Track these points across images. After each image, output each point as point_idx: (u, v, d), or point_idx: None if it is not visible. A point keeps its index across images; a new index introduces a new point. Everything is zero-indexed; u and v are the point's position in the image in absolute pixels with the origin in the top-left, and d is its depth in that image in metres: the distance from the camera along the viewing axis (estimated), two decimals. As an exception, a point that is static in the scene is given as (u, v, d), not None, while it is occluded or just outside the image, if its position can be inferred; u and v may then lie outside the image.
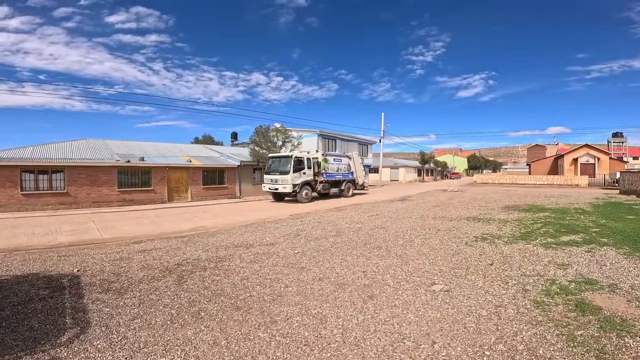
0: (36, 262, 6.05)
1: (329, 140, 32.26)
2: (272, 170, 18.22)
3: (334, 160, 20.73)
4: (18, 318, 3.63)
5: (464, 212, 12.43)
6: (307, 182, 18.09)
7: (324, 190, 19.52)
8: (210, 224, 10.75)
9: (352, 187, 21.84)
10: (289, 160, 17.55)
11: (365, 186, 24.05)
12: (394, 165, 54.08)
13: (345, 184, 21.04)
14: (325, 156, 19.78)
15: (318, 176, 19.06)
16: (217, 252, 6.67)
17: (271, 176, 18.09)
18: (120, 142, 21.80)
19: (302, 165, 17.90)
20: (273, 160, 18.70)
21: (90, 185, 16.48)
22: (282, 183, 17.46)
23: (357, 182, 22.47)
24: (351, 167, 21.96)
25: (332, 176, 20.15)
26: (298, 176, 17.55)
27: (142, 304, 4.09)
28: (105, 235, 8.99)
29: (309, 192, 18.11)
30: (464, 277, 5.03)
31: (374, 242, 7.44)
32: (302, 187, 17.58)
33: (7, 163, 14.53)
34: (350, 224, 10.04)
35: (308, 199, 17.93)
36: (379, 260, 5.99)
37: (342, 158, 21.73)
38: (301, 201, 17.41)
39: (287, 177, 17.26)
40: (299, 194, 17.45)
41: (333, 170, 20.30)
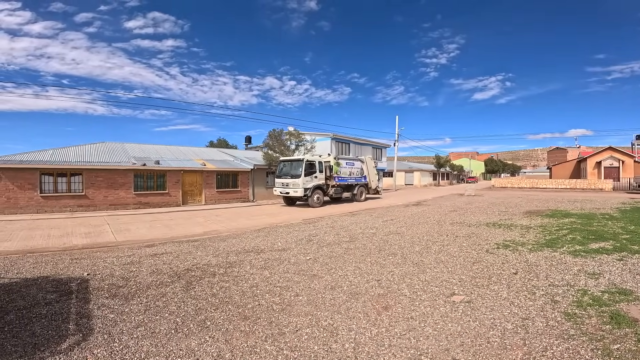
0: (48, 264, 6.05)
1: (342, 144, 32.03)
2: (284, 174, 17.97)
3: (347, 164, 20.29)
4: (21, 323, 3.56)
5: (483, 218, 11.98)
6: (319, 186, 17.73)
7: (336, 195, 19.14)
8: (222, 228, 10.68)
9: (365, 191, 21.37)
10: (301, 164, 17.28)
11: (379, 191, 23.55)
12: (409, 169, 53.35)
13: (357, 188, 20.59)
14: (337, 160, 19.37)
15: (330, 180, 18.71)
16: (228, 257, 6.54)
17: (282, 180, 17.84)
18: (137, 146, 22.16)
19: (314, 169, 17.62)
20: (284, 163, 18.44)
21: (108, 188, 16.75)
22: (293, 187, 17.18)
23: (370, 187, 22.00)
24: (364, 171, 21.55)
25: (344, 180, 19.73)
26: (309, 180, 17.23)
27: (147, 310, 3.96)
28: (119, 239, 9.01)
29: (320, 197, 17.69)
30: (486, 287, 4.73)
31: (389, 249, 7.17)
32: (313, 191, 17.19)
33: (26, 166, 14.91)
34: (364, 229, 9.78)
35: (319, 204, 17.54)
36: (394, 268, 5.72)
37: (354, 162, 21.22)
38: (312, 205, 17.03)
39: (299, 180, 16.96)
40: (310, 198, 17.07)
41: (345, 174, 19.90)
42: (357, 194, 20.48)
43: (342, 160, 19.89)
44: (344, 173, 19.78)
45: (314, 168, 17.61)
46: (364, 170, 21.57)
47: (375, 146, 37.76)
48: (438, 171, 57.02)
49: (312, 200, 17.10)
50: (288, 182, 17.45)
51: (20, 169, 14.80)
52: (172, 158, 20.39)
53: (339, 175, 19.29)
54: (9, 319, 3.67)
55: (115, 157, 18.33)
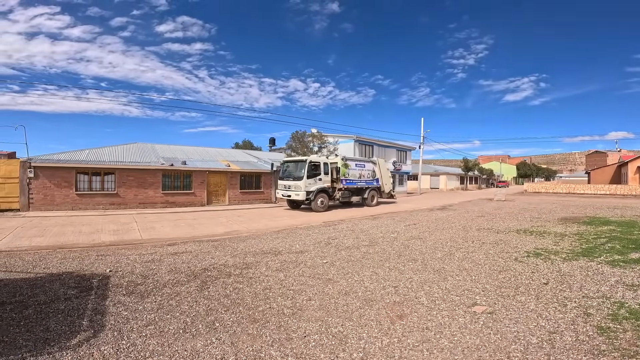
0: (75, 260, 6.30)
1: (366, 146, 31.70)
2: (286, 175, 17.04)
3: (356, 165, 19.03)
4: (38, 317, 3.68)
5: (513, 224, 11.38)
6: (323, 189, 16.52)
7: (344, 199, 17.95)
8: (243, 229, 10.77)
9: (376, 195, 19.95)
10: (303, 165, 16.14)
11: (393, 195, 22.00)
12: (435, 172, 52.05)
13: (368, 192, 19.23)
14: (345, 161, 18.16)
15: (337, 183, 17.51)
16: (245, 258, 6.55)
17: (285, 182, 16.88)
18: (166, 146, 22.95)
19: (318, 171, 16.49)
20: (287, 164, 17.49)
21: (138, 187, 17.41)
22: (295, 189, 16.12)
23: (383, 190, 20.56)
24: (376, 173, 20.21)
25: (353, 183, 18.51)
26: (313, 182, 16.15)
27: (160, 309, 4.00)
28: (144, 236, 9.28)
29: (324, 200, 16.48)
30: (512, 298, 4.43)
31: (409, 254, 6.93)
32: (317, 195, 16.03)
33: (63, 165, 15.76)
34: (384, 233, 9.54)
35: (324, 208, 16.35)
36: (413, 275, 5.50)
37: (365, 163, 19.86)
38: (316, 210, 16.02)
39: (300, 183, 15.84)
40: (313, 202, 15.90)
41: (355, 177, 18.67)
42: (367, 198, 19.09)
43: (351, 162, 18.76)
44: (353, 175, 18.59)
45: (318, 169, 16.55)
46: (376, 173, 20.26)
47: (400, 149, 37.10)
48: (466, 175, 55.19)
49: (315, 204, 16.00)
50: (290, 184, 16.46)
51: (57, 168, 15.66)
52: (199, 159, 20.93)
53: (347, 178, 18.13)
54: (27, 313, 3.81)
55: (145, 158, 19.04)
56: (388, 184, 21.03)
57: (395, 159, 35.63)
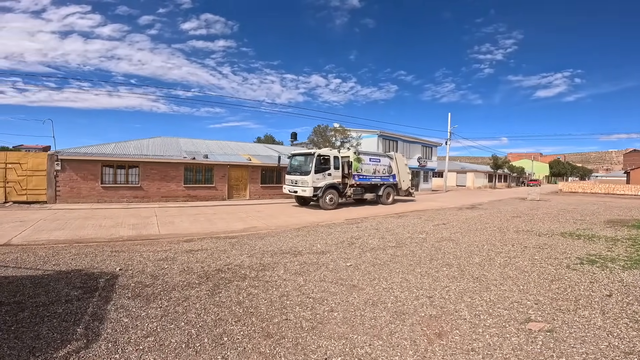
0: (87, 256, 6.05)
1: (389, 141, 30.73)
2: (294, 169, 15.87)
3: (371, 160, 17.49)
4: (32, 322, 3.34)
5: (555, 226, 10.38)
6: (333, 185, 15.22)
7: (355, 196, 16.65)
8: (262, 225, 10.38)
9: (393, 192, 18.44)
10: (311, 159, 14.87)
11: (412, 192, 20.30)
12: (461, 170, 50.16)
13: (383, 188, 17.73)
14: (358, 155, 16.71)
15: (348, 178, 16.17)
16: (262, 258, 6.09)
17: (292, 176, 15.71)
18: (189, 140, 23.02)
19: (328, 165, 15.23)
20: (295, 158, 16.25)
21: (161, 180, 17.45)
22: (302, 185, 14.87)
23: (400, 188, 19.00)
24: (393, 169, 18.64)
25: (367, 179, 17.06)
26: (321, 178, 14.87)
27: (165, 316, 3.58)
28: (162, 231, 9.05)
29: (334, 197, 15.14)
30: (572, 312, 3.75)
31: (443, 258, 6.25)
32: (325, 191, 14.73)
33: (89, 158, 15.95)
34: (412, 233, 8.85)
35: (333, 206, 15.04)
36: (450, 283, 4.85)
37: (380, 158, 18.27)
38: (324, 207, 14.72)
39: (307, 178, 14.59)
40: (321, 198, 14.63)
41: (368, 172, 17.19)
42: (382, 195, 17.60)
43: (364, 156, 17.21)
44: (367, 171, 17.11)
45: (327, 164, 15.26)
46: (393, 168, 18.66)
47: (425, 144, 35.82)
48: (495, 172, 52.88)
49: (323, 201, 14.73)
50: (297, 179, 15.25)
51: (84, 161, 15.87)
52: (220, 152, 20.80)
53: (360, 174, 16.69)
54: (22, 316, 3.48)
55: (168, 151, 19.08)
56: (406, 180, 19.52)
57: (420, 155, 34.46)
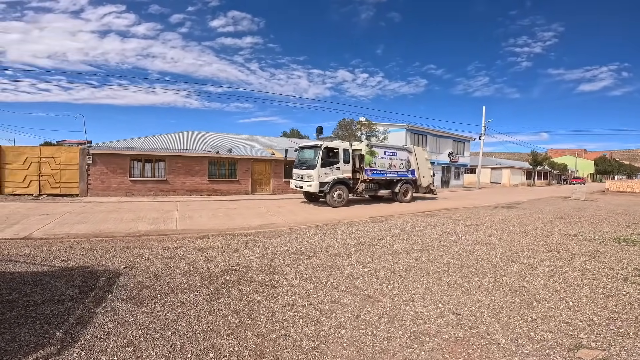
0: (98, 252, 5.88)
1: (418, 136, 29.49)
2: (300, 163, 14.74)
3: (386, 153, 16.04)
4: (15, 323, 3.13)
5: (606, 230, 9.20)
6: (342, 180, 14.01)
7: (368, 192, 15.46)
8: (281, 221, 9.99)
9: (411, 189, 17.05)
10: (317, 152, 13.77)
11: (433, 190, 18.81)
12: (496, 166, 47.61)
13: (400, 185, 16.31)
14: (370, 148, 15.32)
15: (360, 173, 14.88)
16: (274, 259, 5.65)
17: (298, 170, 14.60)
18: (215, 134, 23.18)
19: (336, 159, 14.02)
20: (302, 151, 15.12)
21: (186, 174, 17.61)
22: (307, 180, 13.78)
23: (419, 184, 17.54)
24: (411, 163, 17.16)
25: (381, 174, 15.73)
26: (328, 172, 13.69)
27: (153, 323, 3.22)
28: (179, 227, 8.89)
29: (342, 194, 13.99)
30: (634, 337, 3.00)
31: (475, 265, 5.52)
32: (332, 187, 13.61)
33: (118, 152, 16.32)
34: (440, 235, 8.10)
35: (341, 202, 13.94)
36: (483, 296, 4.17)
37: (397, 152, 16.76)
38: (332, 205, 13.67)
39: (313, 172, 13.50)
40: (328, 195, 13.55)
41: (383, 167, 15.79)
42: (399, 192, 16.20)
43: (379, 149, 15.83)
44: (381, 165, 15.72)
45: (335, 157, 14.06)
46: (412, 163, 17.18)
47: (457, 139, 34.14)
48: (534, 169, 49.73)
49: (331, 197, 13.65)
50: (303, 173, 14.15)
51: (113, 155, 16.27)
52: (245, 147, 20.72)
53: (374, 168, 15.34)
54: (8, 316, 3.28)
55: (194, 145, 19.22)
56: (427, 176, 17.95)
57: (451, 150, 32.92)
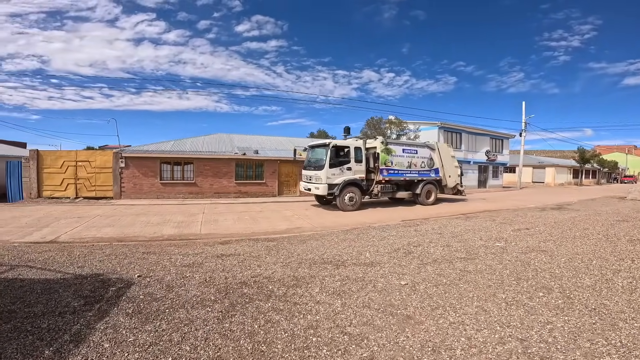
0: (117, 258, 5.61)
1: (452, 133, 28.01)
2: (309, 164, 13.60)
3: (404, 151, 14.53)
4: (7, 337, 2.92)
5: (686, 235, 7.85)
6: (354, 181, 12.81)
7: (385, 194, 14.06)
8: (307, 225, 9.45)
9: (435, 190, 15.33)
10: (325, 151, 12.64)
11: (462, 190, 16.85)
12: (539, 164, 44.62)
13: (422, 185, 14.72)
14: (386, 145, 13.82)
15: (375, 174, 13.53)
16: (298, 269, 5.09)
17: (307, 172, 13.56)
18: (242, 136, 23.16)
19: (346, 158, 12.85)
20: (312, 150, 13.90)
21: (213, 176, 17.59)
22: (315, 181, 12.75)
23: (445, 184, 15.81)
24: (435, 162, 15.50)
25: (399, 174, 14.24)
26: (338, 173, 12.54)
27: (153, 345, 2.77)
28: (203, 231, 8.60)
29: (355, 196, 12.71)
30: None
31: (535, 277, 4.67)
32: (343, 189, 12.43)
33: (149, 155, 16.55)
34: (486, 241, 7.19)
35: (354, 206, 12.68)
36: (553, 316, 3.38)
37: (418, 149, 15.16)
38: (343, 209, 12.49)
39: (321, 173, 12.42)
40: (339, 197, 12.38)
41: (401, 166, 14.29)
42: (420, 193, 14.65)
43: (395, 147, 14.32)
44: (399, 164, 14.21)
45: (346, 156, 12.88)
46: (435, 161, 15.52)
47: (494, 136, 32.17)
48: (581, 167, 46.10)
49: (341, 201, 12.45)
50: (312, 174, 13.06)
51: (144, 158, 16.51)
52: (271, 148, 20.47)
53: (391, 167, 13.85)
54: (2, 329, 3.05)
55: (222, 148, 19.20)
56: (453, 175, 16.06)
57: (488, 148, 31.05)
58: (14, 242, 6.89)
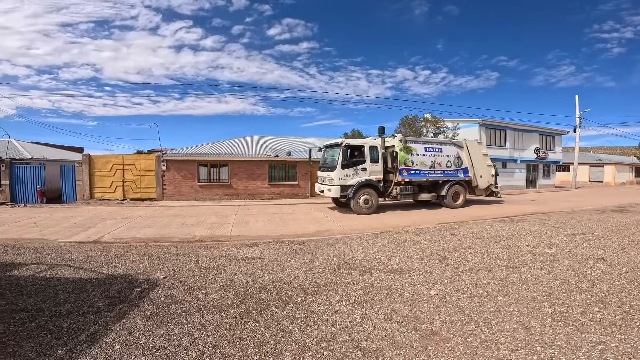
0: (148, 259, 5.77)
1: (495, 131, 26.30)
2: (324, 165, 12.91)
3: (427, 150, 13.40)
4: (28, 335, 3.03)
5: None
6: (369, 183, 12.04)
7: (405, 196, 12.93)
8: (337, 228, 9.22)
9: (463, 192, 13.99)
10: (337, 151, 11.95)
11: (497, 192, 15.31)
12: (596, 162, 40.73)
13: (448, 187, 13.48)
14: (406, 144, 12.75)
15: (394, 174, 12.56)
16: (321, 275, 4.88)
17: (321, 173, 12.93)
18: (275, 138, 23.46)
19: (361, 158, 12.09)
20: (326, 150, 13.20)
21: (247, 178, 17.92)
22: (328, 183, 12.10)
23: (476, 185, 14.44)
24: (463, 160, 14.14)
25: (421, 175, 13.14)
26: (352, 174, 11.81)
27: (162, 349, 2.77)
28: (233, 232, 8.68)
29: (370, 199, 11.91)
30: None
31: (590, 290, 4.08)
32: (357, 191, 11.70)
33: (188, 158, 17.22)
34: (534, 247, 6.51)
35: (369, 209, 11.89)
36: (607, 334, 2.89)
37: (443, 147, 13.92)
38: (358, 212, 11.76)
39: (333, 174, 11.76)
40: (353, 200, 11.67)
41: (424, 166, 13.17)
42: (446, 195, 13.43)
43: (416, 145, 13.27)
44: (421, 164, 13.11)
45: (361, 156, 12.12)
46: (463, 160, 14.15)
47: (544, 133, 29.75)
48: (647, 164, 41.43)
49: (356, 203, 11.73)
50: (325, 176, 12.47)
51: (183, 161, 17.21)
52: (304, 149, 20.44)
53: (411, 167, 12.82)
54: (27, 326, 3.18)
55: (256, 150, 19.54)
56: (485, 175, 14.65)
57: (537, 146, 28.81)
58: (60, 241, 7.37)
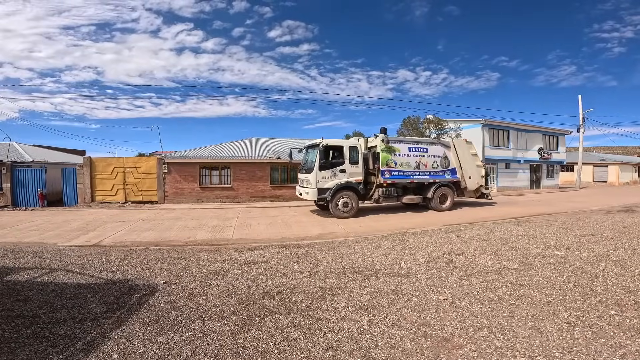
0: (148, 263, 5.65)
1: (498, 131, 26.11)
2: (304, 166, 12.53)
3: (411, 150, 12.79)
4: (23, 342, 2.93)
5: None
6: (349, 185, 11.50)
7: (388, 199, 12.42)
8: (340, 230, 9.09)
9: (451, 194, 13.31)
10: (315, 152, 11.48)
11: (487, 194, 14.74)
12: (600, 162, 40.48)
13: (434, 188, 12.86)
14: (388, 144, 12.20)
15: (376, 176, 12.08)
16: (325, 279, 4.74)
17: (301, 175, 12.57)
18: (277, 140, 23.33)
19: (340, 159, 11.57)
20: (306, 151, 12.74)
21: (249, 180, 17.81)
22: (306, 186, 11.68)
23: (464, 187, 13.82)
24: (450, 161, 13.50)
25: (405, 176, 12.55)
26: (330, 176, 11.32)
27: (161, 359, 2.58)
28: (235, 236, 8.56)
29: (350, 202, 11.39)
30: None
31: (605, 292, 3.94)
32: (335, 194, 11.21)
33: (189, 160, 17.13)
34: (543, 248, 6.35)
35: (349, 213, 11.36)
36: (626, 338, 2.77)
37: (428, 147, 13.26)
38: (337, 215, 11.28)
39: (310, 176, 11.36)
40: (331, 203, 11.21)
41: (408, 167, 12.59)
42: (432, 198, 12.80)
43: (400, 145, 12.69)
44: (405, 164, 12.54)
45: (340, 157, 11.60)
46: (450, 161, 13.52)
47: (547, 133, 29.56)
48: (651, 164, 41.15)
49: (334, 206, 11.24)
50: (303, 177, 12.11)
51: (185, 164, 17.12)
52: (307, 152, 20.35)
53: (395, 168, 12.30)
54: (22, 333, 3.08)
55: (257, 152, 19.41)
56: (474, 176, 13.99)
57: (541, 146, 28.62)
58: (59, 245, 7.26)
